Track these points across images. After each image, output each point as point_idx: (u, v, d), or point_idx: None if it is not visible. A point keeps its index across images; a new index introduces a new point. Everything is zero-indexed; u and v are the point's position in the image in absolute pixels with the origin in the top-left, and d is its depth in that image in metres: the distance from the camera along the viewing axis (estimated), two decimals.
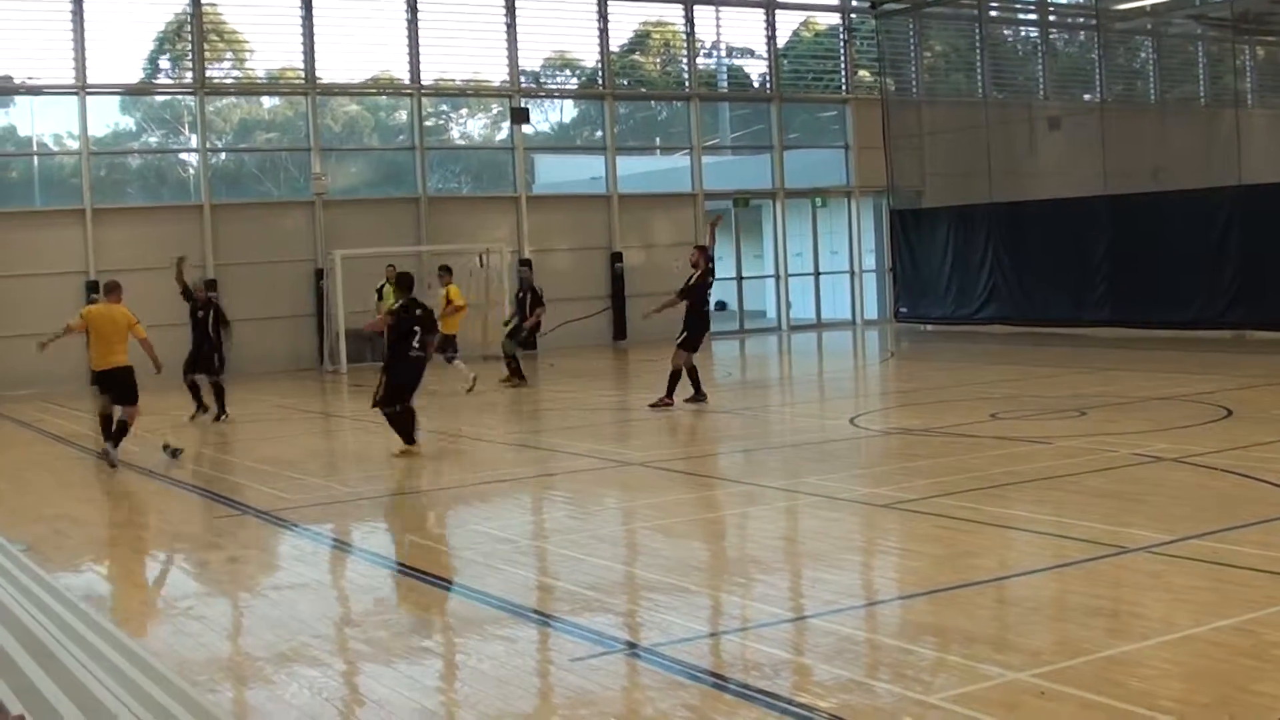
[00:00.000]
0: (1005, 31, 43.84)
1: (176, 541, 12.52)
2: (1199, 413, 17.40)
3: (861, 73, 39.75)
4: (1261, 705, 6.73)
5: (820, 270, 38.32)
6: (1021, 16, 43.52)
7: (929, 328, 35.41)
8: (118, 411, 16.49)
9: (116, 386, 16.44)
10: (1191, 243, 28.88)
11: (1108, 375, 22.83)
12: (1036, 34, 43.91)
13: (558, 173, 37.21)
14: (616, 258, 34.22)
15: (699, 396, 20.15)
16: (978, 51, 41.35)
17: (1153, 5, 45.19)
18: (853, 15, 39.18)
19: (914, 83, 40.25)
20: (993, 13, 41.80)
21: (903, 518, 11.74)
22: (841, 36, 39.24)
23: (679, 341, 20.18)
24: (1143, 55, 46.40)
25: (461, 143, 35.59)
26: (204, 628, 9.07)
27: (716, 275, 21.57)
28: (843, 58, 39.24)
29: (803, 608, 9.25)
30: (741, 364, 30.89)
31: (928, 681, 7.31)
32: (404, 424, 16.32)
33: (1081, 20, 44.98)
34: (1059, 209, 32.17)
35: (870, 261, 39.06)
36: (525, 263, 31.67)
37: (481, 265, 30.10)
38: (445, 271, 24.45)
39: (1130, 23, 45.42)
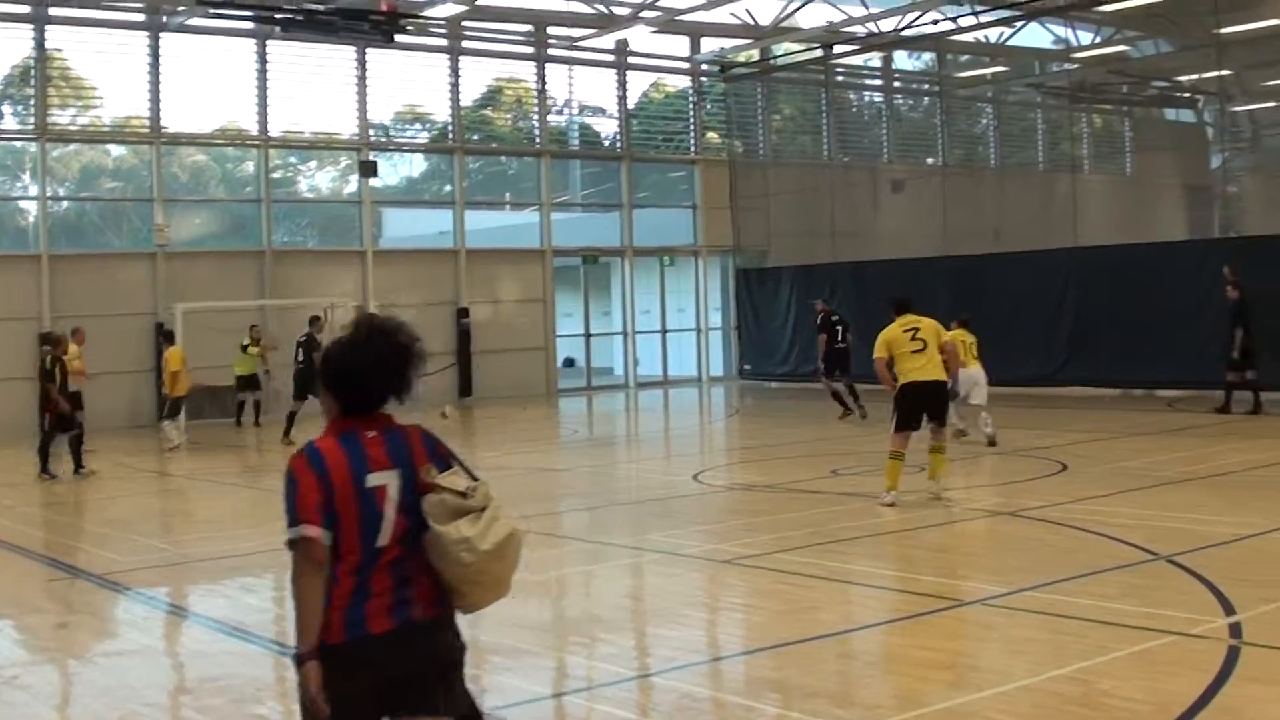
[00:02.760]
0: (851, 96, 44.62)
1: (3, 607, 12.06)
2: (1035, 467, 17.75)
3: (710, 134, 40.19)
4: None
5: (667, 328, 38.51)
6: (867, 82, 44.32)
7: (773, 385, 35.75)
8: None
9: None
10: (1029, 302, 29.54)
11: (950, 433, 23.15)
12: (881, 99, 44.75)
13: (406, 227, 37.05)
14: (463, 313, 34.10)
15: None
16: (824, 115, 42.07)
17: (993, 74, 46.36)
18: (702, 78, 39.61)
19: (761, 144, 40.78)
20: (838, 78, 42.54)
21: (745, 573, 11.83)
22: (691, 98, 39.65)
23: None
24: (984, 121, 47.50)
25: (309, 195, 35.32)
26: (30, 698, 8.81)
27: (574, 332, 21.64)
28: (692, 119, 39.65)
29: (646, 666, 9.28)
30: (588, 421, 30.94)
31: None
32: None
33: (925, 86, 45.99)
34: (901, 269, 32.66)
35: (716, 319, 39.35)
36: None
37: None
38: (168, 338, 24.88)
39: (972, 90, 46.55)
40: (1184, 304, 27.13)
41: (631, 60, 37.87)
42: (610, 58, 37.46)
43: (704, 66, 39.36)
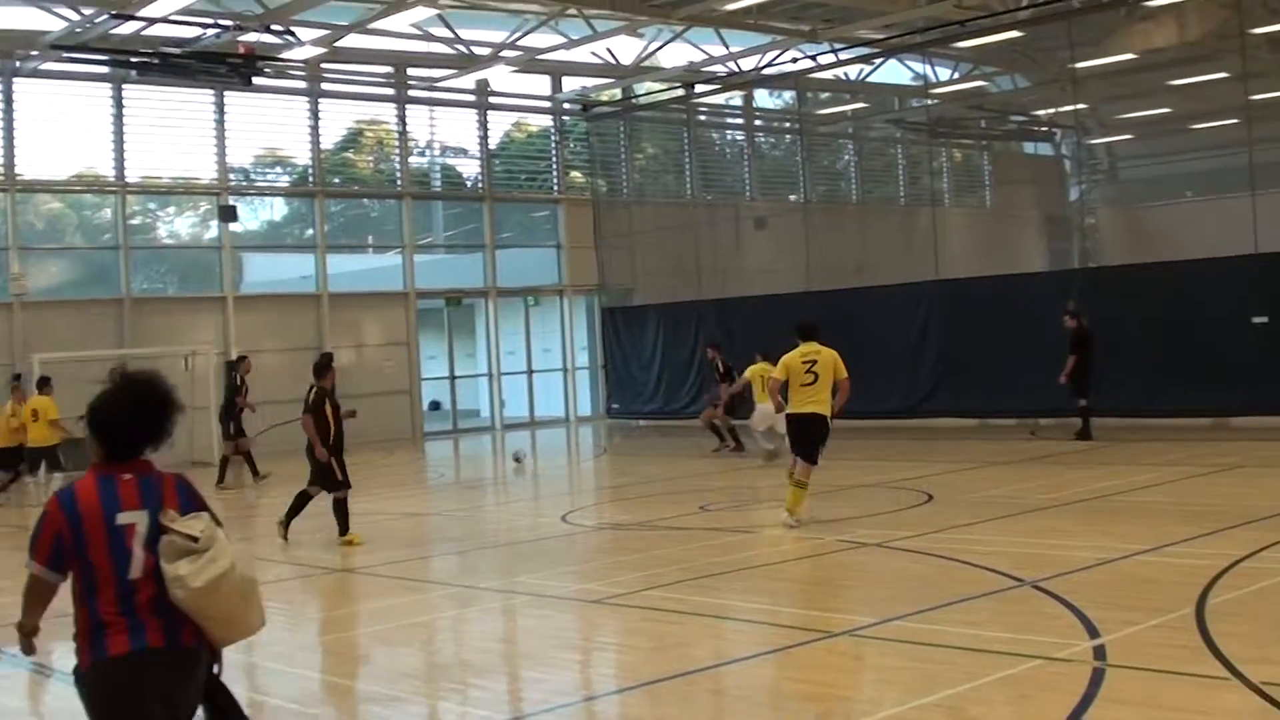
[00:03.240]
0: (713, 134, 44.94)
1: None
2: (902, 499, 17.91)
3: (573, 173, 40.22)
4: None
5: (534, 368, 38.43)
6: (728, 120, 44.66)
7: (641, 423, 35.80)
8: None
9: None
10: (893, 335, 29.87)
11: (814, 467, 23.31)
12: (743, 137, 45.12)
13: (267, 271, 36.58)
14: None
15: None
16: (686, 154, 42.32)
17: (853, 110, 46.95)
18: (564, 118, 39.67)
19: (624, 183, 40.92)
20: (700, 116, 42.82)
21: (615, 612, 11.77)
22: (553, 138, 39.69)
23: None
24: (845, 157, 48.06)
25: (168, 241, 34.74)
26: None
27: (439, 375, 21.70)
28: (554, 158, 39.68)
29: (519, 709, 9.19)
30: (455, 464, 30.72)
31: None
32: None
33: (787, 124, 46.43)
34: (765, 305, 32.93)
35: (583, 359, 39.34)
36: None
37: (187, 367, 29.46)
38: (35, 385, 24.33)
39: (832, 126, 47.07)
40: (1045, 334, 27.54)
41: (493, 100, 37.82)
42: (471, 98, 37.39)
43: (566, 106, 39.44)
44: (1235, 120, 35.55)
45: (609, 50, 36.68)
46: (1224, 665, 8.73)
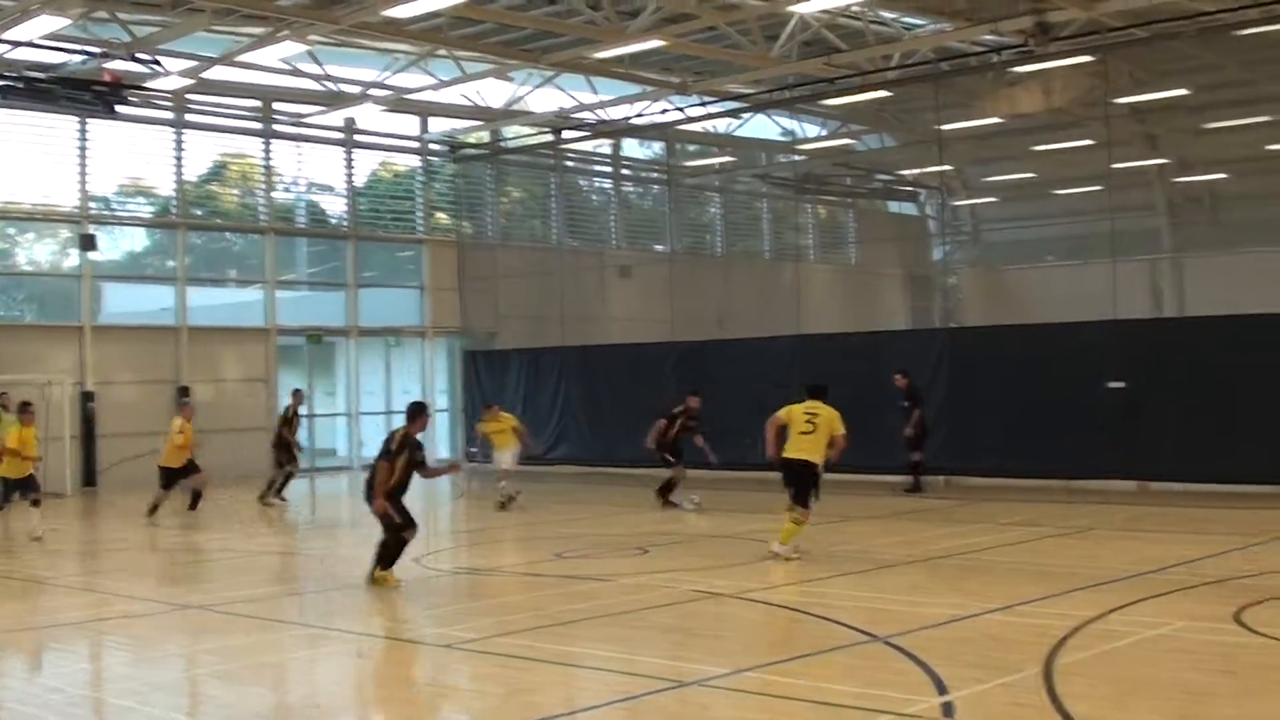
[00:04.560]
0: (580, 181, 45.00)
1: None
2: (757, 550, 17.92)
3: (439, 214, 40.04)
4: None
5: (393, 409, 37.94)
6: (596, 168, 44.74)
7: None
8: None
9: None
10: (754, 388, 29.85)
11: (672, 514, 23.33)
12: (610, 185, 45.22)
13: (127, 302, 35.89)
14: (184, 391, 33.15)
15: None
16: (553, 199, 42.36)
17: (721, 164, 47.30)
18: (431, 158, 39.51)
19: (490, 226, 40.81)
20: (568, 163, 42.89)
21: (467, 657, 11.64)
22: (419, 178, 39.49)
23: None
24: (711, 210, 48.35)
25: (27, 268, 33.97)
26: None
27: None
28: (420, 199, 39.46)
29: None
30: (312, 503, 30.29)
31: None
32: None
33: (654, 174, 46.66)
34: (628, 354, 32.97)
35: (444, 402, 39.04)
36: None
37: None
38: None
39: (700, 179, 47.39)
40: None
41: (360, 138, 37.57)
42: (338, 135, 37.11)
43: (433, 146, 39.30)
44: (1098, 187, 36.32)
45: (478, 92, 36.67)
46: None
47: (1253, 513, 21.66)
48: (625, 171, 45.63)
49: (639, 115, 36.79)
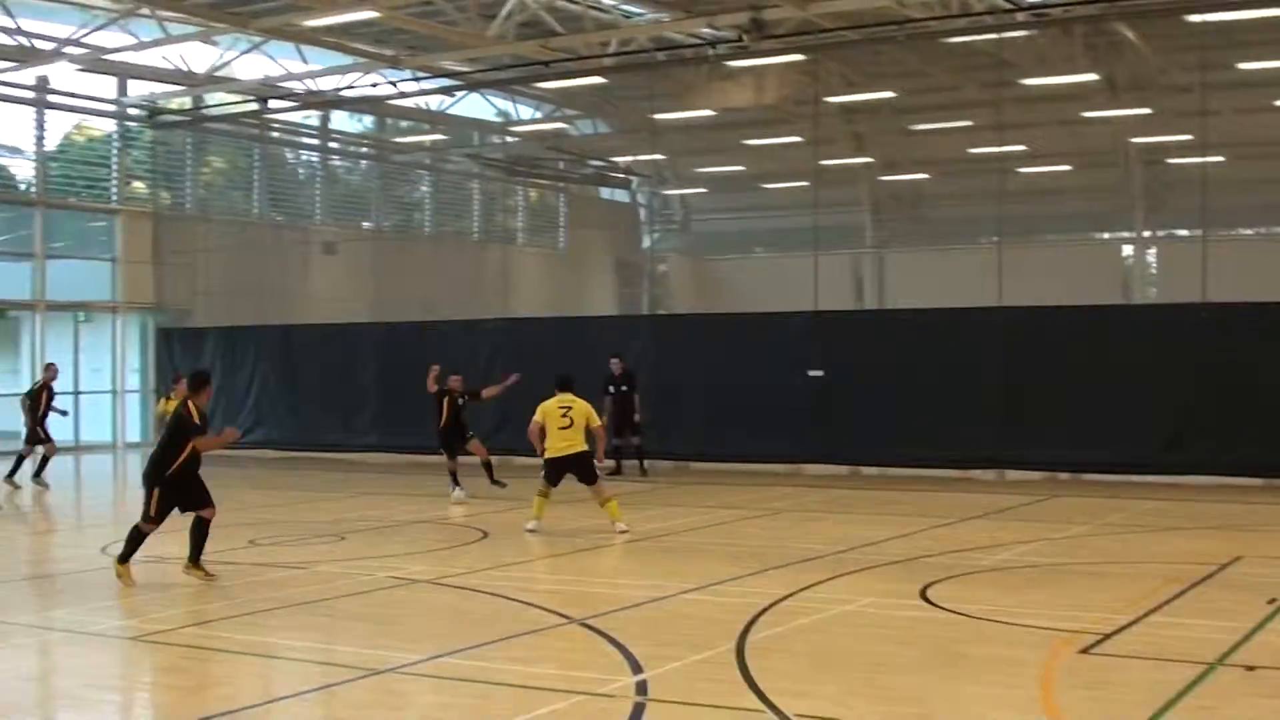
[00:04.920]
0: (287, 154, 43.99)
1: None
2: (457, 535, 17.76)
3: (135, 183, 38.57)
4: None
5: (81, 389, 36.43)
6: (303, 140, 43.75)
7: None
8: None
9: None
10: (461, 371, 29.40)
11: (373, 500, 22.98)
12: (318, 159, 44.31)
13: None
14: None
15: None
16: (256, 171, 41.28)
17: (432, 141, 46.83)
18: (129, 123, 37.91)
19: (189, 197, 39.53)
20: (274, 134, 41.84)
21: (156, 650, 11.18)
22: (115, 144, 37.91)
23: None
24: (421, 188, 47.87)
25: None
26: None
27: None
28: (115, 166, 37.87)
29: None
30: None
31: None
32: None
33: (363, 149, 45.95)
34: (331, 334, 32.34)
35: (135, 381, 37.60)
36: None
37: None
38: None
39: (410, 156, 46.85)
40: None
41: (52, 99, 35.80)
42: (29, 94, 35.26)
43: (131, 111, 37.71)
44: (805, 183, 37.03)
45: (181, 56, 35.46)
46: (760, 699, 8.97)
47: (941, 495, 22.58)
48: (333, 145, 44.73)
49: (349, 88, 36.02)
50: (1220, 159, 36.76)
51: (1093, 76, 37.49)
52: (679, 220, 56.22)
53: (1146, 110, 40.44)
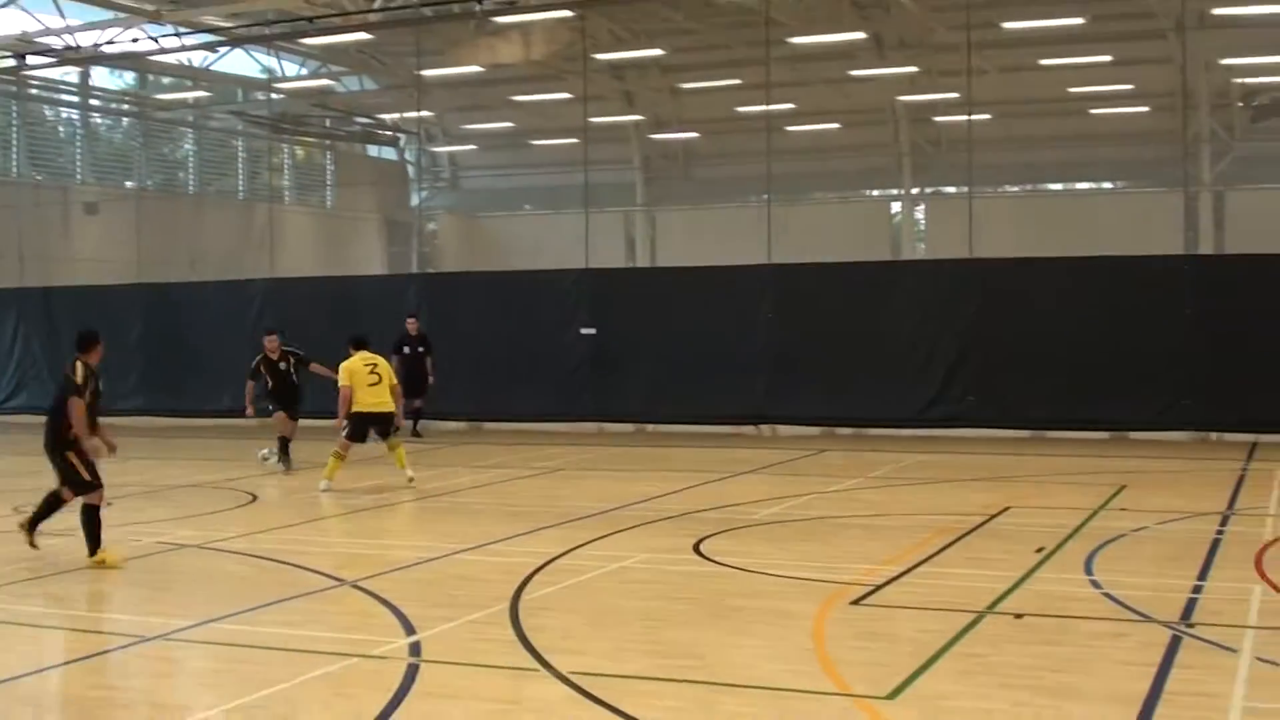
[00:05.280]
0: (46, 111, 42.70)
1: None
2: (226, 499, 17.56)
3: None
4: None
5: None
6: (62, 97, 42.52)
7: None
8: None
9: None
10: (229, 332, 28.95)
11: (135, 464, 22.44)
12: (78, 116, 43.10)
13: None
14: None
15: None
16: (14, 129, 40.01)
17: (196, 98, 45.84)
18: None
19: None
20: (32, 91, 40.56)
21: None
22: None
23: None
24: (185, 146, 46.88)
25: None
26: None
27: None
28: None
29: None
30: None
31: None
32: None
33: (125, 106, 44.78)
34: (93, 296, 31.52)
35: None
36: None
37: None
38: None
39: (173, 113, 45.81)
40: (378, 336, 27.68)
41: None
42: None
43: None
44: (575, 140, 37.09)
45: None
46: (535, 657, 9.07)
47: (712, 451, 22.94)
48: (94, 102, 43.56)
49: (110, 43, 35.03)
50: (986, 117, 37.71)
51: (860, 35, 38.18)
52: (448, 178, 55.98)
53: (914, 69, 41.30)
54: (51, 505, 13.30)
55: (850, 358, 25.12)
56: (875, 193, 50.80)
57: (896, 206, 49.88)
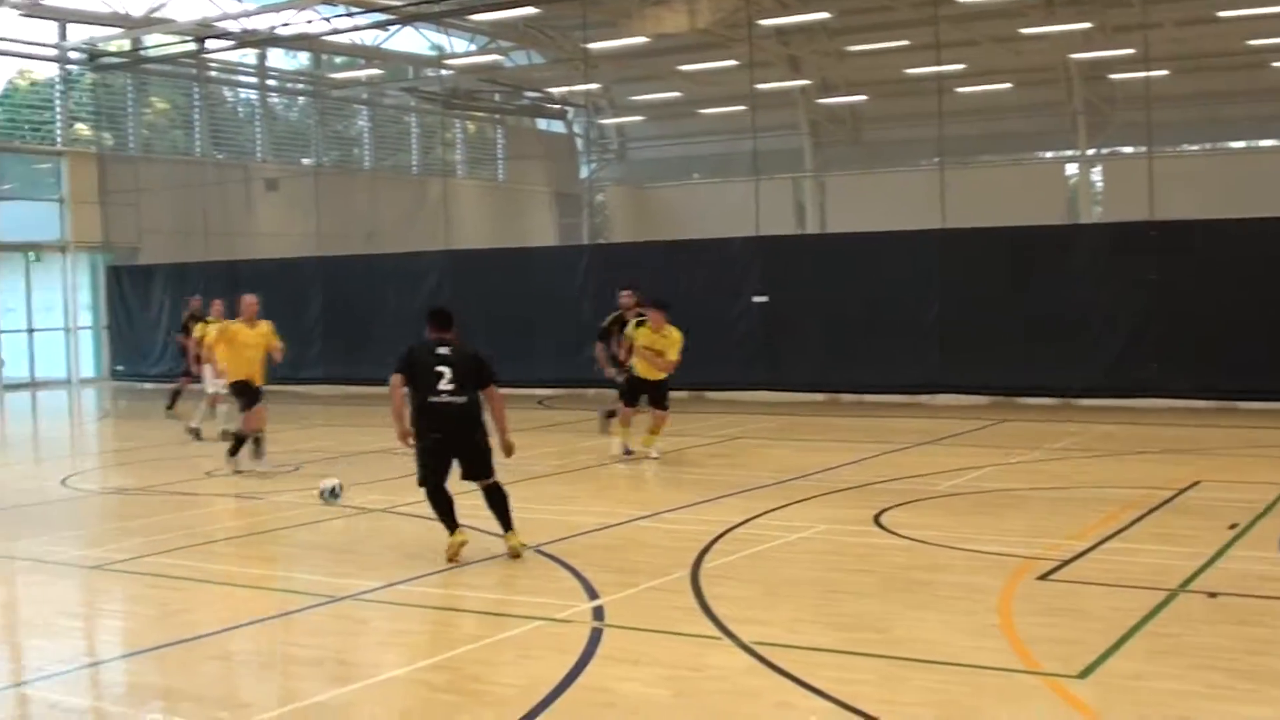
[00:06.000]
0: (225, 92, 43.80)
1: None
2: (410, 465, 17.89)
3: (79, 125, 38.38)
4: None
5: (34, 327, 36.45)
6: (241, 79, 43.60)
7: (147, 386, 34.56)
8: None
9: None
10: (403, 303, 29.65)
11: (323, 431, 23.16)
12: (256, 97, 44.13)
13: None
14: None
15: None
16: (196, 111, 41.11)
17: (369, 76, 46.62)
18: (70, 67, 37.73)
19: (132, 138, 39.35)
20: (212, 73, 41.66)
21: (117, 578, 11.38)
22: (58, 87, 37.71)
23: None
24: (359, 124, 47.71)
25: None
26: None
27: None
28: (59, 109, 37.71)
29: (20, 676, 8.77)
30: None
31: None
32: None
33: (301, 86, 45.73)
34: (275, 269, 32.35)
35: (87, 318, 37.60)
36: None
37: None
38: None
39: (347, 91, 46.64)
40: (552, 307, 28.12)
41: None
42: None
43: (72, 54, 37.56)
44: (742, 107, 37.06)
45: None
46: (716, 625, 9.13)
47: (886, 420, 22.70)
48: (271, 83, 44.59)
49: (284, 25, 35.90)
50: (1164, 73, 36.80)
51: None
52: (616, 149, 56.22)
53: (1087, 24, 40.35)
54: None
55: (1026, 326, 24.44)
56: (1049, 154, 50.00)
57: (1072, 168, 48.99)
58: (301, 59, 45.04)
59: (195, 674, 8.54)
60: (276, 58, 43.79)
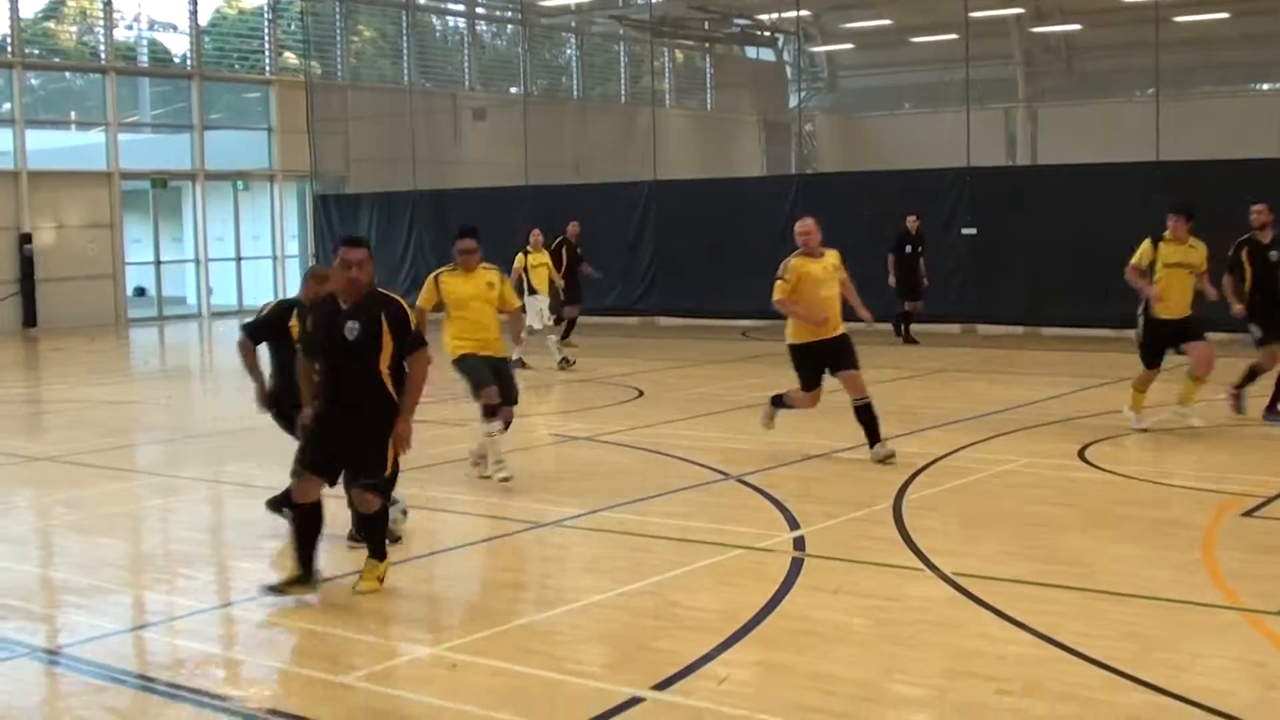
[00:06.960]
0: (434, 20, 44.20)
1: None
2: (614, 394, 18.02)
3: (287, 54, 39.04)
4: (662, 660, 7.06)
5: (242, 255, 37.35)
6: (449, 7, 43.97)
7: None
8: None
9: None
10: (611, 233, 29.74)
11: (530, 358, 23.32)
12: (464, 25, 44.45)
13: None
14: (26, 239, 32.24)
15: None
16: (404, 39, 41.53)
17: (577, 4, 46.67)
18: None
19: (340, 67, 39.91)
20: (420, 1, 42.05)
21: (325, 503, 11.51)
22: (266, 16, 38.37)
23: None
24: (567, 52, 47.82)
25: None
26: None
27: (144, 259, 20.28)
28: (267, 38, 38.37)
29: (226, 598, 9.00)
30: (161, 352, 29.84)
31: (349, 663, 7.25)
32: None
33: (508, 14, 45.95)
34: (482, 198, 32.62)
35: (293, 247, 38.36)
36: None
37: None
38: None
39: (555, 19, 46.77)
40: (759, 237, 27.92)
41: None
42: None
43: None
44: (954, 36, 36.35)
45: None
46: (917, 556, 9.07)
47: (1095, 355, 22.18)
48: (479, 11, 44.89)
49: None
50: None
51: None
52: (825, 78, 55.63)
53: None
54: None
55: None
56: (1265, 86, 48.35)
57: None
58: None
59: (403, 597, 8.61)
60: None
